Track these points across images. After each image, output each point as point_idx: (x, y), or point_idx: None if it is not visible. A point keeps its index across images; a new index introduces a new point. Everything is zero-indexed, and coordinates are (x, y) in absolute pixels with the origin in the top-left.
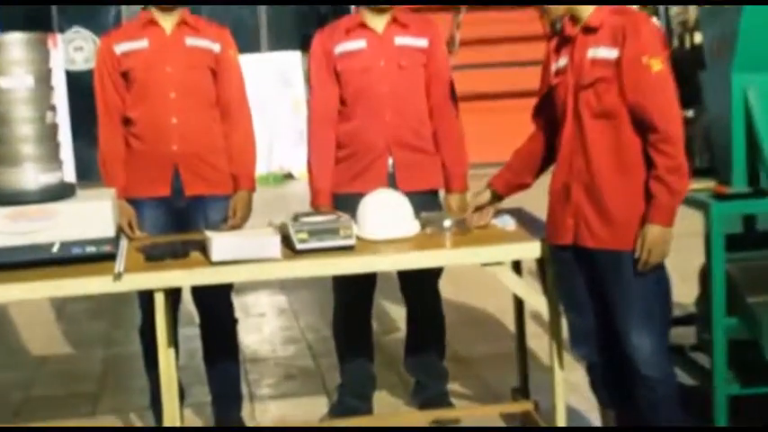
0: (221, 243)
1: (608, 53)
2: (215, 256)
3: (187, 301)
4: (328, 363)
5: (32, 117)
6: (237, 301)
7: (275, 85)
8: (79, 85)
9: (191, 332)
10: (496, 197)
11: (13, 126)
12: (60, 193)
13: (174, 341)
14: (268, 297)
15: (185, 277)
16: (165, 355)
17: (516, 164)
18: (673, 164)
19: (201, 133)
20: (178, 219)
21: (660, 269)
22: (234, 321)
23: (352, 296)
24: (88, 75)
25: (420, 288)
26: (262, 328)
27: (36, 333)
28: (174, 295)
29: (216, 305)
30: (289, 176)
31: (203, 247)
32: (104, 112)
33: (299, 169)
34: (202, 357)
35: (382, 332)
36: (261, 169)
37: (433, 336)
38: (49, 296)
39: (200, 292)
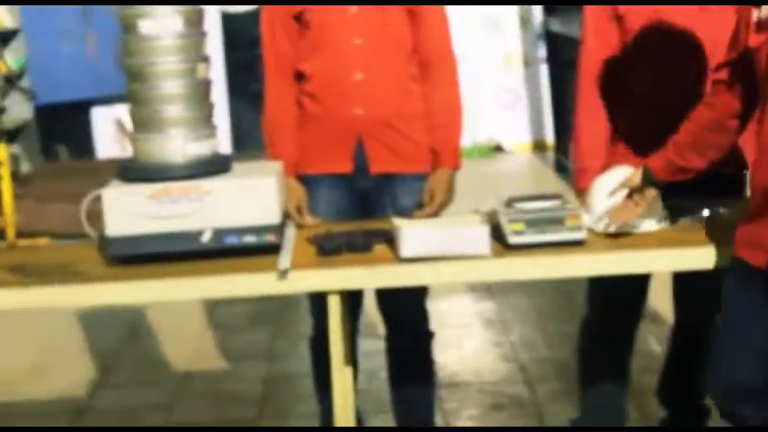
0: (414, 235)
1: None
2: (406, 251)
3: (370, 306)
4: (547, 390)
5: (180, 71)
6: (432, 309)
7: (481, 32)
8: (236, 31)
9: (373, 347)
10: (652, 183)
11: (155, 82)
12: (213, 166)
13: (352, 357)
14: (471, 304)
15: (368, 277)
16: (341, 375)
17: (684, 139)
18: None
19: (393, 93)
20: (360, 202)
21: None
22: (428, 335)
23: (616, 306)
24: (247, 19)
25: (703, 295)
26: (462, 343)
27: (180, 344)
28: (353, 299)
29: (406, 313)
30: (498, 149)
31: (391, 240)
32: (274, 66)
33: (512, 140)
34: (387, 379)
35: None
36: (464, 140)
37: (704, 358)
38: (197, 298)
39: (386, 297)
